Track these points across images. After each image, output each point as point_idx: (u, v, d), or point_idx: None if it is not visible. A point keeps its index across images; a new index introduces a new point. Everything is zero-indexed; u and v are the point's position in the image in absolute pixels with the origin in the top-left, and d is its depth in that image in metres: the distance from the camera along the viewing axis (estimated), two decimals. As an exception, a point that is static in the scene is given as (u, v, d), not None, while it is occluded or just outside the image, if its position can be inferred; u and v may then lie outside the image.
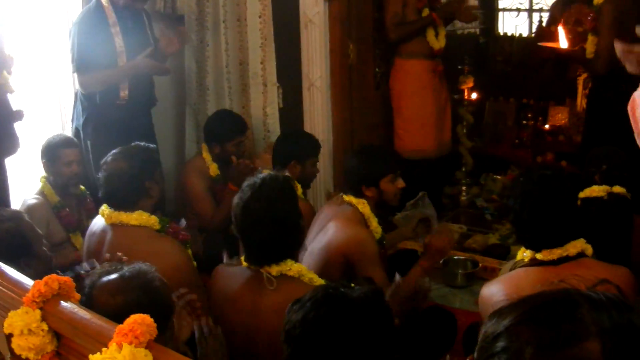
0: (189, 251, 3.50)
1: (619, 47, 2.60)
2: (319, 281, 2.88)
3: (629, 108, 2.31)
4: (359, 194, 3.91)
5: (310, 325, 1.98)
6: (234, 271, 3.03)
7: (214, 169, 4.92)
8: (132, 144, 3.61)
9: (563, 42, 5.53)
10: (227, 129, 4.91)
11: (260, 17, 5.15)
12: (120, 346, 1.96)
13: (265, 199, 2.84)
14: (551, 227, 2.85)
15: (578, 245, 2.87)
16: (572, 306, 1.27)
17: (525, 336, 1.25)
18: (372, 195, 3.92)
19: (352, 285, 2.12)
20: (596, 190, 3.70)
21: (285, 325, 2.06)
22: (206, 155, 4.93)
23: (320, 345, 1.95)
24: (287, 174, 4.27)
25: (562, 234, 2.88)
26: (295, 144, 4.57)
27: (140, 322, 2.00)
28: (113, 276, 2.43)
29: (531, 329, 1.26)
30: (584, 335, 1.21)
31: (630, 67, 2.56)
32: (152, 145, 3.73)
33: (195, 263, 3.51)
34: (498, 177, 6.80)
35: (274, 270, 2.84)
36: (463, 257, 5.19)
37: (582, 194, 3.76)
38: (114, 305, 2.32)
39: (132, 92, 4.59)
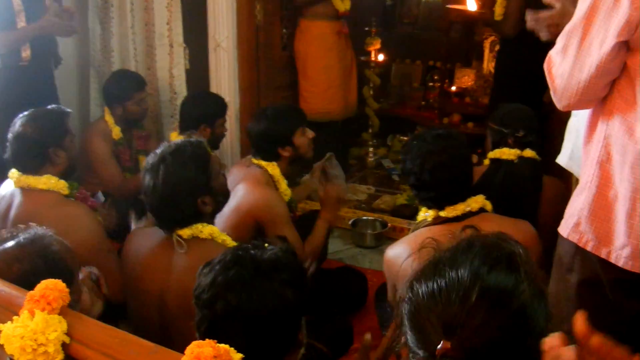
0: (98, 216, 3.43)
1: (528, 18, 2.64)
2: (232, 243, 2.85)
3: (545, 66, 2.34)
4: (272, 157, 3.89)
5: (219, 288, 1.95)
6: (148, 233, 2.98)
7: (117, 131, 4.82)
8: (48, 107, 3.50)
9: (471, 4, 5.58)
10: (125, 87, 4.81)
11: (165, -25, 5.04)
12: (32, 313, 1.89)
13: (164, 170, 2.77)
14: (452, 184, 2.93)
15: (479, 200, 2.97)
16: None
17: None
18: (289, 154, 3.90)
19: (266, 245, 2.09)
20: (506, 153, 3.74)
21: (196, 289, 2.02)
22: (108, 118, 4.83)
23: (230, 308, 1.92)
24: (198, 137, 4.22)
25: (463, 190, 2.97)
26: (202, 107, 4.51)
27: (52, 287, 1.94)
28: (9, 244, 2.34)
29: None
30: None
31: (543, 35, 2.59)
32: (67, 110, 3.61)
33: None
34: (405, 138, 6.89)
35: (186, 233, 2.79)
36: (372, 218, 5.26)
37: (491, 155, 3.81)
38: (11, 274, 2.24)
39: (34, 52, 4.43)
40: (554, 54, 2.30)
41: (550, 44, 2.36)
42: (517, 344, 1.35)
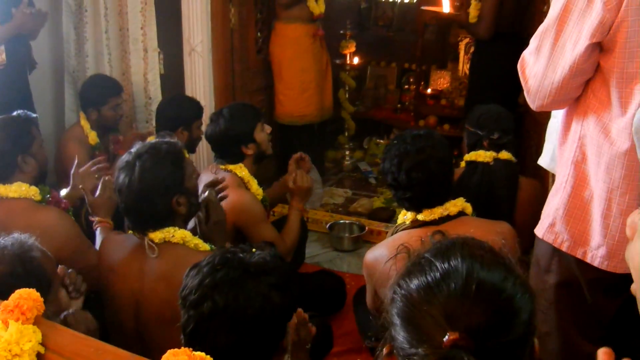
0: (72, 218, 3.40)
1: None
2: (204, 247, 2.83)
3: (518, 67, 2.34)
4: (236, 158, 3.87)
5: (207, 289, 1.95)
6: (121, 239, 2.95)
7: (92, 137, 4.78)
8: (12, 114, 3.46)
9: (446, 7, 5.60)
10: (100, 92, 4.76)
11: (139, -20, 5.02)
12: (6, 324, 1.87)
13: (139, 168, 2.75)
14: (429, 186, 2.89)
15: (458, 204, 2.94)
16: None
17: None
18: (253, 152, 3.88)
19: (253, 250, 2.10)
20: (482, 155, 3.75)
21: (182, 290, 2.02)
22: (84, 124, 4.78)
23: (217, 309, 1.92)
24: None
25: (440, 193, 2.93)
26: (179, 109, 4.47)
27: (26, 297, 1.92)
28: None
29: None
30: None
31: None
32: (33, 115, 3.56)
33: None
34: (381, 141, 6.90)
35: (157, 237, 2.76)
36: (349, 221, 5.25)
37: (467, 157, 3.82)
38: None
39: (9, 57, 4.40)
40: (527, 54, 2.31)
41: (525, 45, 2.37)
42: (508, 332, 1.35)
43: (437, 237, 1.63)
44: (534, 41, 2.27)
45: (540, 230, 2.44)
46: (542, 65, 2.21)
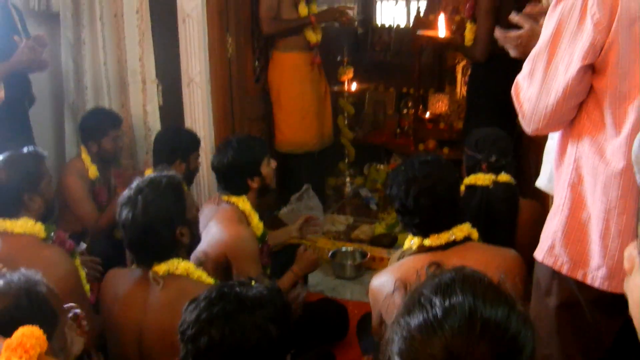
0: (77, 260, 3.40)
1: (498, 34, 2.69)
2: (208, 279, 2.86)
3: (512, 91, 2.36)
4: (240, 190, 3.88)
5: (203, 324, 1.95)
6: (125, 273, 2.98)
7: (93, 170, 4.79)
8: (22, 150, 3.47)
9: (442, 31, 5.62)
10: (100, 125, 4.78)
11: (137, 12, 5.03)
12: (10, 362, 1.87)
13: (142, 202, 2.78)
14: (437, 211, 2.90)
15: (464, 229, 2.94)
16: None
17: None
18: (257, 185, 3.89)
19: (252, 283, 2.10)
20: (482, 179, 3.75)
21: (181, 325, 2.03)
22: (85, 157, 4.80)
23: (213, 343, 1.92)
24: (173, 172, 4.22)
25: (447, 218, 2.94)
26: (176, 142, 4.49)
27: (29, 334, 1.91)
28: None
29: None
30: None
31: (512, 52, 2.65)
32: (42, 154, 3.57)
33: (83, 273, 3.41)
34: (381, 166, 6.89)
35: (162, 269, 2.79)
36: (351, 249, 5.24)
37: (467, 181, 3.82)
38: None
39: (8, 93, 4.40)
40: (520, 79, 2.33)
41: (521, 67, 2.38)
42: None
43: (432, 269, 1.60)
44: (526, 65, 2.28)
45: (539, 254, 2.44)
46: (535, 89, 2.23)
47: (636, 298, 1.00)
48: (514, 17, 2.68)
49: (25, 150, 3.47)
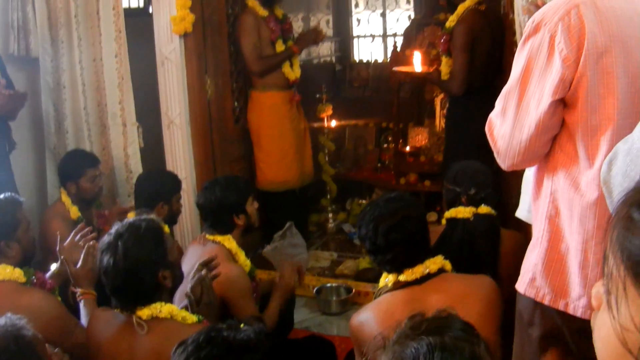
0: (58, 298, 3.40)
1: None
2: (192, 319, 2.84)
3: (486, 129, 2.40)
4: (227, 228, 3.90)
5: None
6: (109, 316, 2.96)
7: (74, 211, 4.79)
8: None
9: (418, 67, 5.68)
10: (77, 164, 4.80)
11: (116, 56, 5.07)
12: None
13: (123, 247, 2.78)
14: (408, 246, 2.94)
15: (437, 261, 2.98)
16: None
17: None
18: (243, 223, 3.92)
19: (242, 325, 2.11)
20: (462, 212, 3.78)
21: None
22: (65, 199, 4.80)
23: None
24: (154, 216, 4.24)
25: (419, 252, 2.98)
26: (157, 185, 4.53)
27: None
28: None
29: None
30: None
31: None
32: (18, 200, 3.57)
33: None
34: (363, 201, 6.91)
35: (145, 314, 2.78)
36: (336, 284, 5.24)
37: (447, 214, 3.85)
38: None
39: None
40: (493, 116, 2.37)
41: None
42: None
43: (415, 319, 1.60)
44: (499, 103, 2.32)
45: (521, 286, 2.46)
46: (509, 126, 2.27)
47: (603, 335, 1.03)
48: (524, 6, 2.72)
49: (1, 196, 3.47)
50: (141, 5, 6.55)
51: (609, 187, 1.73)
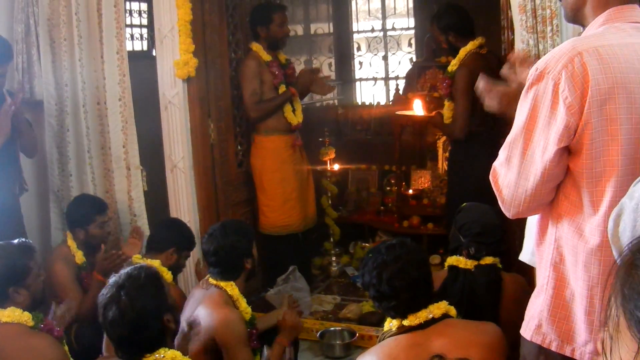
0: (65, 347, 3.39)
1: (482, 85, 2.69)
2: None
3: (490, 178, 2.40)
4: (236, 272, 3.90)
5: None
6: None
7: (79, 256, 4.79)
8: (13, 241, 3.48)
9: (419, 111, 5.70)
10: (86, 212, 4.82)
11: (120, 100, 5.09)
12: None
13: (126, 298, 2.79)
14: (412, 291, 2.96)
15: (442, 307, 3.00)
16: None
17: None
18: (250, 267, 3.96)
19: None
20: (463, 262, 3.78)
21: None
22: (71, 243, 4.81)
23: None
24: (159, 260, 4.27)
25: (423, 296, 3.00)
26: (176, 234, 4.63)
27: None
28: None
29: None
30: None
31: (492, 105, 2.64)
32: (31, 248, 3.57)
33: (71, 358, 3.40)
34: (366, 244, 6.90)
35: (148, 360, 2.79)
36: (339, 328, 5.22)
37: (449, 261, 3.85)
38: None
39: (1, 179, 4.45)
40: (498, 165, 2.37)
41: (500, 140, 2.42)
42: None
43: None
44: (503, 152, 2.32)
45: (527, 332, 2.45)
46: (514, 175, 2.27)
47: None
48: (505, 70, 2.72)
49: (16, 242, 3.48)
50: (145, 48, 6.59)
51: (617, 243, 1.73)
